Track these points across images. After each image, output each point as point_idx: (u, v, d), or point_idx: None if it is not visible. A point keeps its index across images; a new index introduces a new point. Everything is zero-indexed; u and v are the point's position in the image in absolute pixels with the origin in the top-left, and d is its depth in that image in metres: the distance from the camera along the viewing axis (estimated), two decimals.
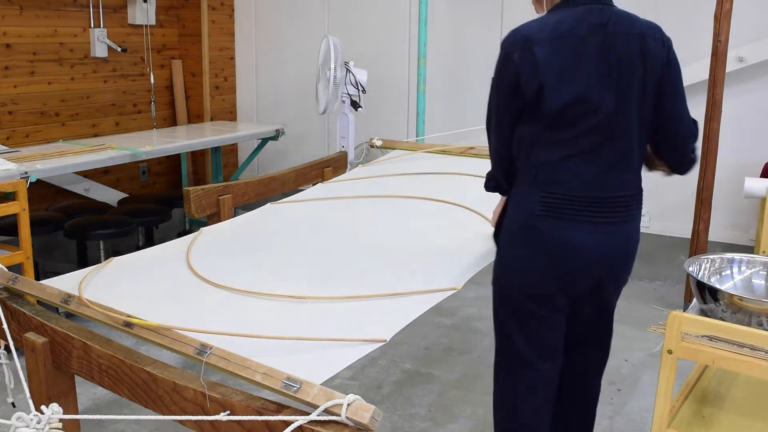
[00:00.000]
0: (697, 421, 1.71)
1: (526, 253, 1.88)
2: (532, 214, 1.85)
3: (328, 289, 1.89)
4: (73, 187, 4.74)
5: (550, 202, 1.83)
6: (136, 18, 5.03)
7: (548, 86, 1.76)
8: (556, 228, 1.83)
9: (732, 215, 4.18)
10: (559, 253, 1.85)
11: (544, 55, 1.76)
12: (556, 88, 1.76)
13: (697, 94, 4.11)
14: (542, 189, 1.83)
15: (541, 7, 1.98)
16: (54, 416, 1.28)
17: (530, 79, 1.77)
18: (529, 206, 1.86)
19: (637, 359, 3.34)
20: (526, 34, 1.81)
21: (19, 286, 1.82)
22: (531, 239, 1.87)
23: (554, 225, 1.83)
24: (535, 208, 1.84)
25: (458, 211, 2.63)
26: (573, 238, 1.83)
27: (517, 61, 1.79)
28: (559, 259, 1.85)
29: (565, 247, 1.84)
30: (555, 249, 1.84)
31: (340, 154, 3.95)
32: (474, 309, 3.94)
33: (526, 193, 1.87)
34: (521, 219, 1.88)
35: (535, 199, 1.84)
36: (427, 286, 1.91)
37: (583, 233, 1.83)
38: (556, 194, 1.82)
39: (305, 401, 1.29)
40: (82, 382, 1.77)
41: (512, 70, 1.80)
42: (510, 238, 1.94)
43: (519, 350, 1.98)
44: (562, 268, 1.86)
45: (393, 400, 2.97)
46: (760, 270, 1.90)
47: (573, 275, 1.88)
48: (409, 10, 4.91)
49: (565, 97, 1.76)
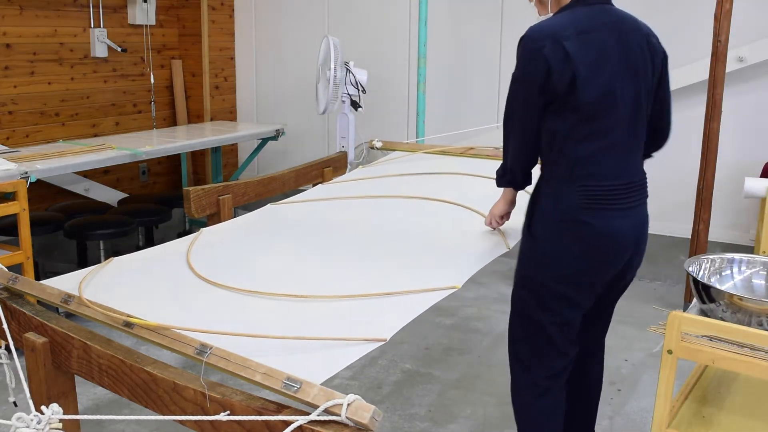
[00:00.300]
0: (697, 421, 1.71)
1: (568, 246, 1.91)
2: (574, 207, 1.89)
3: (327, 289, 1.89)
4: (73, 187, 4.74)
5: (591, 195, 1.89)
6: (136, 18, 5.03)
7: (580, 79, 1.81)
8: (598, 219, 1.89)
9: (732, 215, 4.18)
10: (601, 243, 1.90)
11: (574, 49, 1.81)
12: (587, 80, 1.82)
13: (697, 94, 4.12)
14: (580, 183, 1.89)
15: (545, 9, 2.01)
16: (54, 416, 1.28)
17: (562, 73, 1.81)
18: (569, 200, 1.89)
19: (637, 359, 3.34)
20: (553, 30, 1.85)
21: (19, 286, 1.82)
22: (574, 232, 1.90)
23: (596, 216, 1.89)
24: (575, 202, 1.89)
25: (458, 210, 2.63)
26: (613, 226, 1.90)
27: (547, 55, 1.82)
28: (601, 248, 1.91)
29: (607, 236, 1.90)
30: (598, 239, 1.90)
31: (340, 154, 3.95)
32: (474, 309, 3.94)
33: (564, 187, 1.91)
34: (561, 213, 1.91)
35: (574, 193, 1.89)
36: (427, 285, 1.91)
37: (618, 220, 1.91)
38: (594, 187, 1.89)
39: (305, 401, 1.28)
40: (82, 382, 1.77)
41: (542, 63, 1.82)
42: (549, 232, 1.94)
43: (552, 338, 2.01)
44: (604, 257, 1.93)
45: (393, 400, 2.97)
46: (760, 270, 1.90)
47: (612, 261, 1.96)
48: (409, 10, 4.91)
49: (596, 90, 1.83)
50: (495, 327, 3.72)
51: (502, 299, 4.10)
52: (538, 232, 1.97)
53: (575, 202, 1.88)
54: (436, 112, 4.79)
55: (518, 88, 1.91)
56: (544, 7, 2.02)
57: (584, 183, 1.88)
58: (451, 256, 2.19)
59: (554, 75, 1.82)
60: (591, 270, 1.94)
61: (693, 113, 4.13)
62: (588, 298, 2.00)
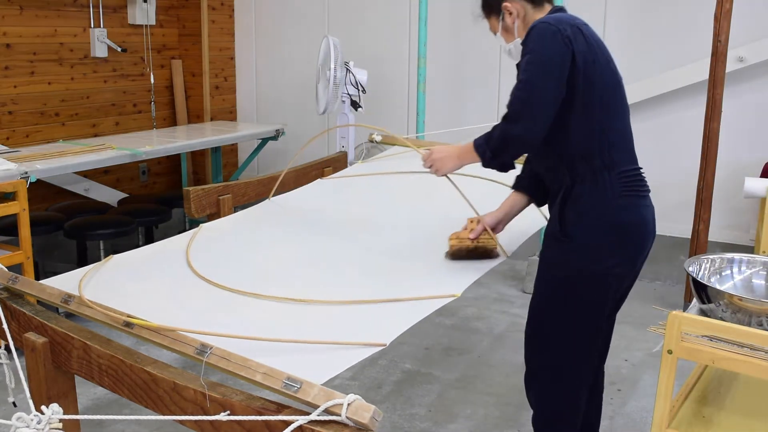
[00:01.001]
0: (697, 421, 1.70)
1: (609, 239, 1.93)
2: (616, 196, 1.92)
3: (328, 293, 1.88)
4: (73, 187, 4.74)
5: (630, 181, 1.94)
6: (136, 18, 5.03)
7: (600, 63, 1.88)
8: (633, 207, 1.95)
9: (732, 215, 4.19)
10: (639, 232, 1.97)
11: (588, 36, 1.89)
12: (605, 65, 1.91)
13: (697, 94, 4.12)
14: (619, 169, 1.93)
15: (511, 35, 2.06)
16: (54, 416, 1.28)
17: (585, 55, 1.86)
18: (611, 189, 1.92)
19: (637, 359, 3.34)
20: (564, 18, 1.91)
21: (19, 286, 1.82)
22: (616, 223, 1.93)
23: (632, 204, 1.94)
24: (617, 190, 1.92)
25: (458, 213, 2.62)
26: (643, 214, 1.97)
27: (571, 36, 1.85)
28: (638, 237, 1.97)
29: (643, 224, 1.97)
30: (636, 228, 1.96)
31: (340, 154, 3.95)
32: (474, 309, 3.94)
33: (605, 176, 1.92)
34: (602, 206, 1.93)
35: (616, 181, 1.92)
36: (426, 292, 1.90)
37: (644, 209, 1.98)
38: (632, 172, 1.96)
39: (305, 401, 1.28)
40: (82, 382, 1.77)
41: (565, 44, 1.84)
42: (588, 228, 1.94)
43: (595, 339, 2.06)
44: (640, 246, 1.98)
45: (393, 400, 2.97)
46: (760, 270, 1.90)
47: (645, 250, 2.01)
48: (409, 10, 4.91)
49: (613, 76, 1.93)
50: (495, 327, 3.72)
51: (502, 299, 4.10)
52: (575, 231, 1.94)
53: (617, 191, 1.92)
54: (436, 112, 4.79)
55: (542, 69, 1.85)
56: (510, 34, 2.06)
57: (623, 168, 1.94)
58: (451, 262, 2.17)
59: (577, 55, 1.85)
60: (630, 261, 1.98)
61: (693, 113, 4.13)
62: (627, 285, 2.06)
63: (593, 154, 1.91)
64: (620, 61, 2.00)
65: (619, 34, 4.31)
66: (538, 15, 1.99)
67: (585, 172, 1.92)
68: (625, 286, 2.07)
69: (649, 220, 1.98)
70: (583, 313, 1.99)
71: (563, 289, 2.00)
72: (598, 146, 1.91)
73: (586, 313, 1.99)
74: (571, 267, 1.96)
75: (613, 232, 1.92)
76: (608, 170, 1.92)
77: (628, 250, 1.96)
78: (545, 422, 2.12)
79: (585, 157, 1.92)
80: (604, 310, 2.01)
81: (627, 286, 2.09)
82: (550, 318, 2.04)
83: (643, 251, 2.00)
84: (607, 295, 1.99)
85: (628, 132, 1.99)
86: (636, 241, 1.96)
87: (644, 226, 1.97)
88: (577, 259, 1.95)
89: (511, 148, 1.94)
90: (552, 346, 2.06)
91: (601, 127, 1.91)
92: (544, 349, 2.08)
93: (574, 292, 1.98)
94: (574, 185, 1.94)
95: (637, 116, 4.34)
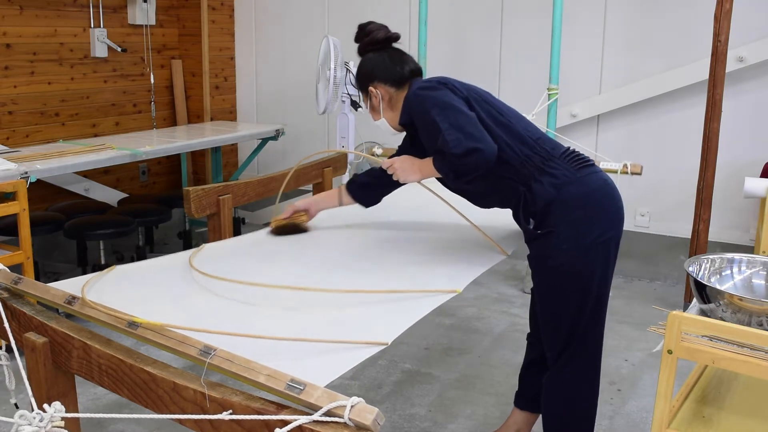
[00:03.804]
0: (697, 421, 1.71)
1: (587, 208, 2.03)
2: (570, 175, 2.02)
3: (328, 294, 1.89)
4: (73, 187, 4.74)
5: (574, 156, 2.08)
6: (136, 18, 5.03)
7: (473, 92, 2.12)
8: (591, 174, 2.06)
9: (732, 215, 4.19)
10: (606, 192, 2.07)
11: (449, 81, 2.13)
12: (474, 93, 2.13)
13: (697, 94, 4.13)
14: (559, 153, 2.07)
15: (377, 114, 2.25)
16: (57, 414, 1.28)
17: (461, 90, 2.09)
18: (563, 172, 2.03)
19: (637, 359, 3.34)
20: (426, 80, 2.18)
21: (22, 287, 1.82)
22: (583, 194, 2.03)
23: (588, 173, 2.05)
24: (568, 170, 2.03)
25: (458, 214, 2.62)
26: (602, 176, 2.09)
27: (441, 80, 2.11)
28: (612, 198, 2.08)
29: (607, 185, 2.08)
30: (602, 190, 2.06)
31: (341, 154, 3.95)
32: (474, 309, 3.94)
33: (548, 168, 2.03)
34: (564, 189, 2.01)
35: (563, 162, 2.05)
36: (427, 289, 1.91)
37: (598, 173, 2.09)
38: (568, 152, 2.09)
39: (309, 402, 1.28)
40: (82, 382, 1.77)
41: (444, 87, 2.08)
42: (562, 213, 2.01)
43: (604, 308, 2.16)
44: (614, 204, 2.09)
45: (393, 400, 2.97)
46: (760, 270, 1.90)
47: (618, 206, 2.11)
48: (409, 10, 4.91)
49: (484, 95, 2.16)
50: (495, 327, 3.72)
51: (502, 299, 4.10)
52: (550, 221, 2.02)
53: (569, 169, 2.03)
54: None
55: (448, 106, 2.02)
56: (377, 113, 2.24)
57: (560, 152, 2.08)
58: (451, 261, 2.18)
59: (458, 92, 2.07)
60: (611, 222, 2.07)
61: (693, 113, 4.14)
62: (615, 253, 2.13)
63: (528, 156, 2.05)
64: (620, 61, 2.02)
65: (619, 34, 4.31)
66: (401, 95, 2.18)
67: (531, 172, 2.04)
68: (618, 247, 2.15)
69: (608, 181, 2.09)
70: (591, 287, 2.06)
71: (564, 277, 2.06)
72: (528, 147, 2.06)
73: (594, 285, 2.06)
74: (561, 253, 2.02)
75: (586, 205, 2.02)
76: (550, 159, 2.05)
77: (606, 214, 2.05)
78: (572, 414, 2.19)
79: (524, 162, 2.05)
80: (608, 273, 2.10)
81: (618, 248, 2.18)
82: (565, 306, 2.09)
83: (620, 210, 2.10)
84: (608, 259, 2.07)
85: (534, 126, 2.15)
86: (609, 204, 2.06)
87: (608, 186, 2.08)
88: (564, 243, 2.01)
89: (472, 171, 2.03)
90: (574, 329, 2.11)
91: (517, 135, 2.06)
92: (568, 336, 2.12)
93: (575, 274, 2.04)
94: (531, 186, 2.04)
95: (637, 116, 4.37)
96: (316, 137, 5.46)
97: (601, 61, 4.40)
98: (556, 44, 3.92)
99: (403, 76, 2.19)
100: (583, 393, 2.18)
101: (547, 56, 4.02)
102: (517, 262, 4.49)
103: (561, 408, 2.19)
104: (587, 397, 2.19)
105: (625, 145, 4.36)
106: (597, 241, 2.02)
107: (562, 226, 2.01)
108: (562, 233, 2.01)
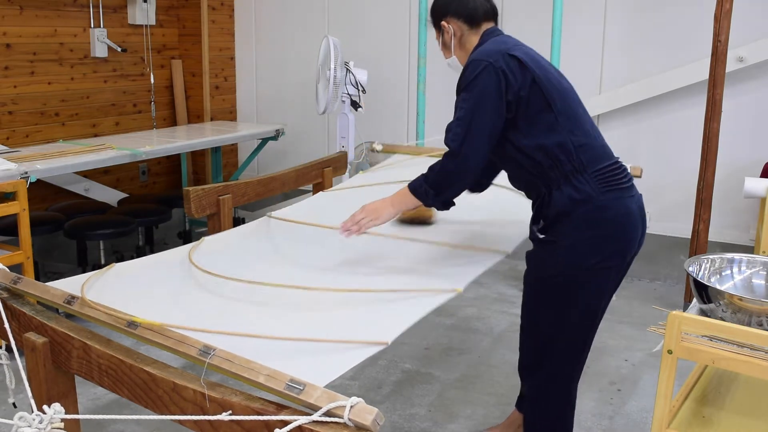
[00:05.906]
0: (697, 421, 1.71)
1: (593, 235, 1.96)
2: (594, 193, 1.95)
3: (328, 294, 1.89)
4: (73, 187, 4.73)
5: (606, 177, 1.97)
6: (136, 18, 5.03)
7: (541, 81, 1.96)
8: (614, 201, 1.97)
9: (732, 215, 4.18)
10: (622, 222, 1.98)
11: (523, 57, 1.96)
12: (546, 81, 1.97)
13: (697, 94, 4.12)
14: (592, 168, 1.96)
15: (448, 52, 2.19)
16: (56, 416, 1.28)
17: (522, 79, 1.95)
18: (588, 188, 1.95)
19: (637, 359, 3.34)
20: (495, 49, 1.99)
21: (22, 287, 1.82)
22: (597, 219, 1.95)
23: (613, 198, 1.97)
24: (594, 189, 1.95)
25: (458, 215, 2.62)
26: (626, 206, 1.99)
27: (504, 67, 1.94)
28: (622, 228, 1.99)
29: (625, 216, 1.98)
30: (619, 220, 1.98)
31: (340, 154, 3.95)
32: (474, 309, 3.94)
33: (575, 180, 1.96)
34: (581, 204, 1.95)
35: (591, 179, 1.95)
36: (428, 288, 1.91)
37: (628, 200, 2.00)
38: (605, 169, 1.98)
39: (308, 403, 1.28)
40: (82, 382, 1.77)
41: (498, 76, 1.93)
42: (570, 227, 1.97)
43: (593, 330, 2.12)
44: (629, 237, 2.01)
45: (393, 400, 2.97)
46: (760, 270, 1.90)
47: (631, 241, 2.03)
48: (409, 10, 4.91)
49: (558, 86, 2.00)
50: (495, 327, 3.72)
51: (502, 299, 4.10)
52: (556, 233, 1.99)
53: (597, 188, 1.95)
54: (436, 113, 4.78)
55: (477, 102, 1.95)
56: (449, 50, 2.19)
57: (597, 167, 1.97)
58: (451, 260, 2.18)
59: (513, 84, 1.93)
60: (618, 254, 2.00)
61: (693, 113, 4.13)
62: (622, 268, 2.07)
63: (561, 162, 1.96)
64: (620, 61, 2.02)
65: (619, 34, 4.31)
66: (474, 36, 2.11)
67: (558, 178, 1.98)
68: (619, 278, 2.09)
69: (633, 211, 2.01)
70: (577, 309, 2.03)
71: (553, 289, 2.04)
72: (564, 153, 1.96)
73: (580, 308, 2.03)
74: (558, 266, 2.00)
75: (597, 228, 1.96)
76: (580, 172, 1.96)
77: (615, 244, 1.99)
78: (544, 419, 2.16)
79: (553, 166, 1.97)
80: (600, 303, 2.05)
81: (619, 279, 2.12)
82: (544, 316, 2.09)
83: (631, 243, 2.02)
84: (602, 289, 2.03)
85: (593, 131, 2.03)
86: (622, 234, 1.99)
87: (629, 216, 2.00)
88: (563, 258, 1.99)
89: (453, 181, 2.02)
90: (548, 343, 2.09)
91: (559, 137, 1.96)
92: (541, 347, 2.11)
93: (564, 290, 2.02)
94: (551, 191, 1.99)
95: (637, 116, 4.37)
96: (316, 137, 5.46)
97: (601, 61, 4.40)
98: (556, 44, 3.92)
99: (477, 14, 2.11)
100: (551, 393, 2.16)
101: (547, 56, 4.02)
102: (517, 262, 4.48)
103: (533, 396, 2.20)
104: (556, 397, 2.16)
105: (625, 145, 4.35)
106: (595, 267, 1.98)
107: (567, 240, 1.98)
108: (564, 247, 1.98)
